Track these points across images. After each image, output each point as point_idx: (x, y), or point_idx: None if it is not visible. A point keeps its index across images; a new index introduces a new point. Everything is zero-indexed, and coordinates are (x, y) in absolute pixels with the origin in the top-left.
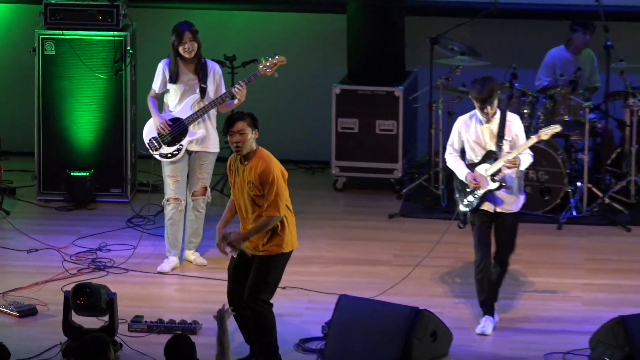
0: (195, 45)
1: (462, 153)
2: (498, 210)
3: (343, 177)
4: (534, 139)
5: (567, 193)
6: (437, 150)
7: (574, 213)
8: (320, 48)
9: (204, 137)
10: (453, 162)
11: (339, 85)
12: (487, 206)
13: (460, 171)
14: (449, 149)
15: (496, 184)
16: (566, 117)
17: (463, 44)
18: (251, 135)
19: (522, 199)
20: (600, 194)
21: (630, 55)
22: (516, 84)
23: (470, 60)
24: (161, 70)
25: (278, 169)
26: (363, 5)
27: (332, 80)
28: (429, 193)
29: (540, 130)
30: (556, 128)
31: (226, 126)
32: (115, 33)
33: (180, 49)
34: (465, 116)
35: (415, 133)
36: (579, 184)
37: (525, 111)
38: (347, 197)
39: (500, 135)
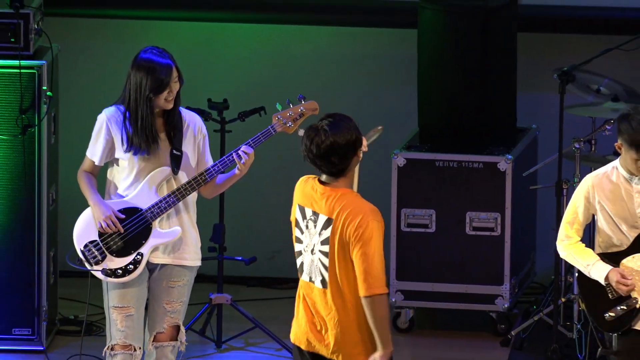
0: (178, 86)
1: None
2: None
3: (409, 308)
4: None
5: None
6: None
7: None
8: (371, 86)
9: (180, 241)
10: (574, 252)
11: (402, 153)
12: None
13: (594, 268)
14: (564, 230)
15: None
16: None
17: (616, 82)
18: None
19: None
20: None
21: None
22: None
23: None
24: (103, 127)
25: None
26: (442, 12)
27: (391, 143)
28: (556, 337)
29: None
30: None
31: None
32: (24, 63)
33: (161, 99)
34: (598, 174)
35: (533, 234)
36: None
37: None
38: (417, 344)
39: None
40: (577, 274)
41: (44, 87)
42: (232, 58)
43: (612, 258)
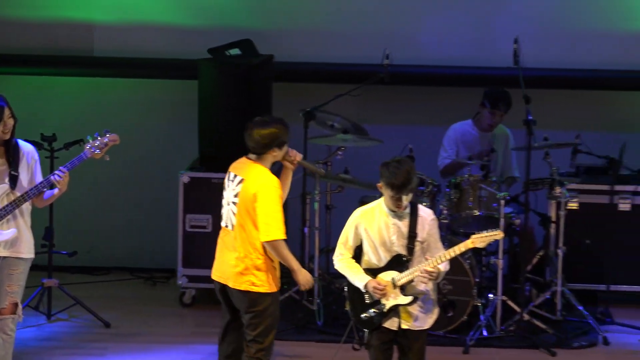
0: (12, 122)
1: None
2: (404, 326)
3: (192, 289)
4: (464, 246)
5: (475, 307)
6: (312, 254)
7: (485, 333)
8: (164, 123)
9: (15, 239)
10: (346, 265)
11: (187, 173)
12: (390, 323)
13: (358, 277)
14: (339, 249)
15: (409, 298)
16: (476, 211)
17: (346, 119)
18: None
19: (435, 313)
20: (518, 308)
21: (556, 132)
22: None
23: (356, 139)
24: None
25: None
26: (216, 68)
27: (179, 165)
28: (301, 308)
29: (475, 236)
30: (496, 234)
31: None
32: None
33: None
34: (366, 208)
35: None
36: (490, 296)
37: (424, 204)
38: (198, 315)
39: (411, 235)
40: (346, 284)
41: None
42: (59, 102)
43: (372, 272)
